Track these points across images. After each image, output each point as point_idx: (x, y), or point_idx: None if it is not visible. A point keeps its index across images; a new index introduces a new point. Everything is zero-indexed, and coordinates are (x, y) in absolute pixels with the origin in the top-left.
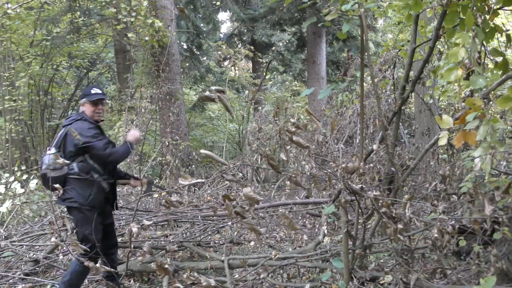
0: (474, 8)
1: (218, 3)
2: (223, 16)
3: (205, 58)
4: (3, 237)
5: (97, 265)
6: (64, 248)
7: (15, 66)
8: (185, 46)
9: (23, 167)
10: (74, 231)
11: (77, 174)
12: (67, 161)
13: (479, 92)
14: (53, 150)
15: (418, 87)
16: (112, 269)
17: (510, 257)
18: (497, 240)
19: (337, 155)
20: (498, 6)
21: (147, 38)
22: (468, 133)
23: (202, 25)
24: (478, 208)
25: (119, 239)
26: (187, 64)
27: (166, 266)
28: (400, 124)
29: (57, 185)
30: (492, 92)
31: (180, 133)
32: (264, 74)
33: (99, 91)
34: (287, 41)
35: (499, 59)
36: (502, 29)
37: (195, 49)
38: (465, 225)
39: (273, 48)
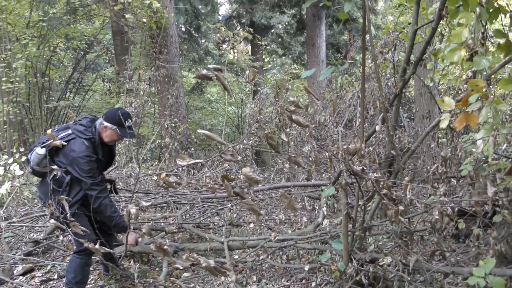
0: None
1: None
2: None
3: (203, 41)
4: (3, 218)
5: (96, 246)
6: (64, 229)
7: (12, 48)
8: (183, 29)
9: (22, 149)
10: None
11: (50, 181)
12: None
13: (481, 74)
14: (42, 151)
15: (419, 69)
16: (110, 250)
17: (509, 239)
18: (497, 222)
19: (336, 138)
20: None
21: (144, 20)
22: (470, 115)
23: (200, 6)
24: (478, 191)
25: None
26: (186, 47)
27: (165, 247)
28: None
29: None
30: (493, 76)
31: (179, 116)
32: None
33: (132, 130)
34: (286, 24)
35: (502, 40)
36: (506, 10)
37: (193, 31)
38: (464, 208)
39: (272, 30)
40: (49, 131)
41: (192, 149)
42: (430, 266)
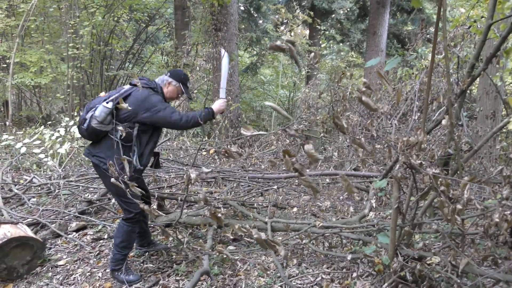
0: None
1: None
2: None
3: (261, 21)
4: (61, 176)
5: (153, 207)
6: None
7: (80, 15)
8: (242, 7)
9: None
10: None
11: (118, 139)
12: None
13: None
14: (110, 105)
15: (490, 67)
16: (162, 214)
17: None
18: None
19: (390, 131)
20: None
21: None
22: None
23: None
24: None
25: (167, 191)
26: (243, 26)
27: (219, 215)
28: None
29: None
30: None
31: (231, 94)
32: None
33: (190, 91)
34: (348, 9)
35: None
36: None
37: (253, 11)
38: None
39: (333, 15)
40: (102, 93)
41: (241, 128)
42: (482, 271)
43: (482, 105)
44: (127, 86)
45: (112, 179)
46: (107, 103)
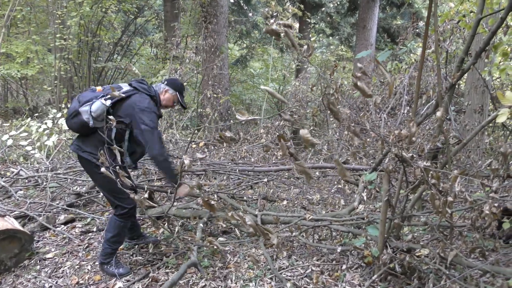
0: None
1: None
2: None
3: (251, 14)
4: (49, 169)
5: (142, 197)
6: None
7: (67, 5)
8: (232, 0)
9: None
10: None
11: (108, 136)
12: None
13: None
14: (108, 103)
15: (478, 61)
16: (154, 204)
17: None
18: None
19: (378, 124)
20: None
21: None
22: None
23: None
24: None
25: (157, 183)
26: (233, 18)
27: (213, 202)
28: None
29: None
30: None
31: (221, 87)
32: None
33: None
34: (338, 3)
35: None
36: None
37: (243, 3)
38: (510, 208)
39: (323, 9)
40: (99, 87)
41: (231, 121)
42: (470, 263)
43: (470, 99)
44: (124, 86)
45: (103, 169)
46: (105, 100)
